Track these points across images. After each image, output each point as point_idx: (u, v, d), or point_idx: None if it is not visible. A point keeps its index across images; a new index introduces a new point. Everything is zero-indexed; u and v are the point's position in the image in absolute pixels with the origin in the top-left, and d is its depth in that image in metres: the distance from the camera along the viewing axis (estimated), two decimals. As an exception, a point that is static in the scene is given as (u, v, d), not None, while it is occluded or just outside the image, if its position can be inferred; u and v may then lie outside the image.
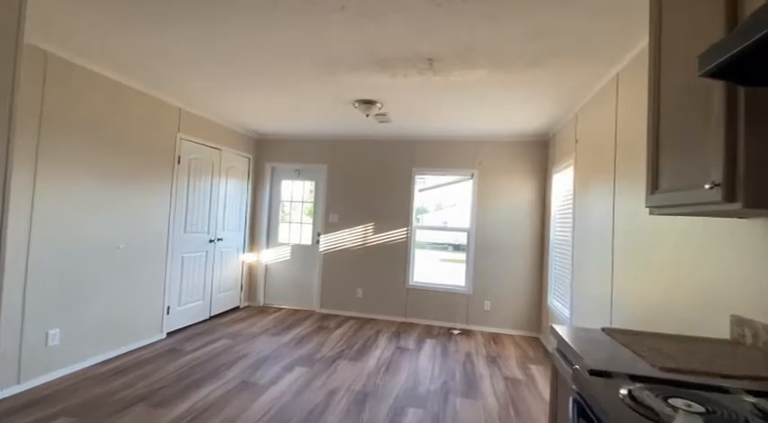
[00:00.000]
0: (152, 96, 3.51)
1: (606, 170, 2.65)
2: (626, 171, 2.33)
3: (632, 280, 2.17)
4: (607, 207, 2.59)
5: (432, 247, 15.79)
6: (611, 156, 2.56)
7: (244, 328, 4.24)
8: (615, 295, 2.39)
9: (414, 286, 4.80)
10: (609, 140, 2.62)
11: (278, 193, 5.33)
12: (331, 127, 4.57)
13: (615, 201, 2.47)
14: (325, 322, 4.60)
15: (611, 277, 2.46)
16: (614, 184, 2.49)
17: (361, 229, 4.96)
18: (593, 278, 2.82)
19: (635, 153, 2.21)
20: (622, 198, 2.36)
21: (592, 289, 2.82)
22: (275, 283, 5.26)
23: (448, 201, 5.42)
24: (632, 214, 2.21)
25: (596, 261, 2.76)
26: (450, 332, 4.45)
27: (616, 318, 2.36)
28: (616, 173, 2.47)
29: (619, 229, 2.39)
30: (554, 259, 4.07)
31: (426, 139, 4.81)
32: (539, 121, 3.90)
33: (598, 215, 2.77)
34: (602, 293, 2.61)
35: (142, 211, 3.48)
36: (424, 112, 3.77)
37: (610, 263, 2.50)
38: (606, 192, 2.62)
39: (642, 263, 2.06)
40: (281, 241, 5.28)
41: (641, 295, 2.06)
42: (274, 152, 5.27)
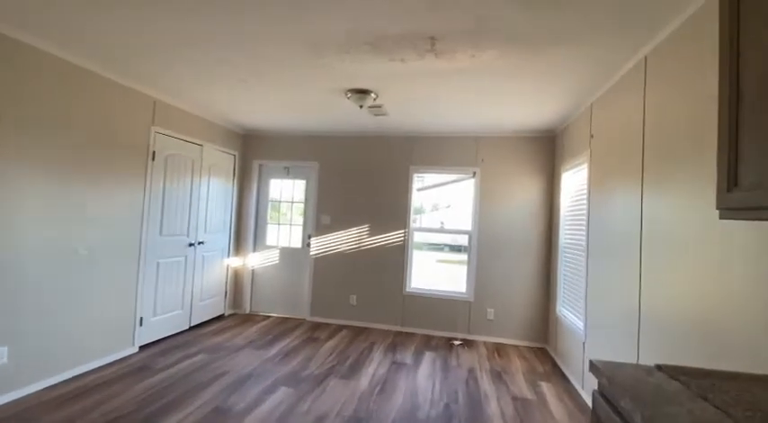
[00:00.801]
0: (121, 84, 3.15)
1: (631, 168, 2.33)
2: (659, 168, 2.01)
3: (667, 291, 1.86)
4: (633, 209, 2.28)
5: (429, 247, 15.60)
6: (638, 151, 2.24)
7: (226, 339, 3.89)
8: (645, 308, 2.07)
9: (411, 293, 4.47)
10: (634, 134, 2.30)
11: (266, 192, 4.98)
12: (323, 121, 4.23)
13: (644, 202, 2.15)
14: (316, 332, 4.26)
15: (639, 287, 2.14)
16: (642, 182, 2.18)
17: (355, 232, 4.62)
18: (614, 286, 2.50)
19: (671, 147, 1.89)
20: (654, 199, 2.04)
21: (613, 299, 2.50)
22: (263, 290, 4.91)
23: (448, 201, 5.08)
24: (668, 217, 1.89)
25: (619, 267, 2.44)
26: (451, 343, 4.12)
27: (647, 336, 2.04)
28: (645, 170, 2.16)
29: (650, 234, 2.07)
30: (563, 264, 3.76)
31: (425, 134, 4.48)
32: (548, 115, 3.59)
33: (621, 217, 2.45)
34: (626, 305, 2.29)
35: (109, 212, 3.12)
36: (424, 105, 3.44)
37: (637, 270, 2.18)
38: (631, 192, 2.31)
39: (681, 272, 1.75)
40: (270, 244, 4.93)
41: (680, 310, 1.74)
42: (262, 149, 4.92)
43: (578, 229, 3.36)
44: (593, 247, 2.92)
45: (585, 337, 2.97)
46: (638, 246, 2.18)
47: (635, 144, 2.29)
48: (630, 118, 2.37)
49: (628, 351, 2.24)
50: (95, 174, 2.98)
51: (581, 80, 2.71)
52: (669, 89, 1.94)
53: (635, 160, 2.28)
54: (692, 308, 1.66)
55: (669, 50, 1.96)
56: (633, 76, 2.35)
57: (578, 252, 3.32)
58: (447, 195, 5.09)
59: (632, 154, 2.32)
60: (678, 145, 1.83)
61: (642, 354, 2.08)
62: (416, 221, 4.63)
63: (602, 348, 2.65)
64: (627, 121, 2.42)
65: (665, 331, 1.86)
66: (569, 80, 2.72)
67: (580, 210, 3.33)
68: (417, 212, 5.02)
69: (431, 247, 15.20)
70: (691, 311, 1.67)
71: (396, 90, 3.10)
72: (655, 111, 2.08)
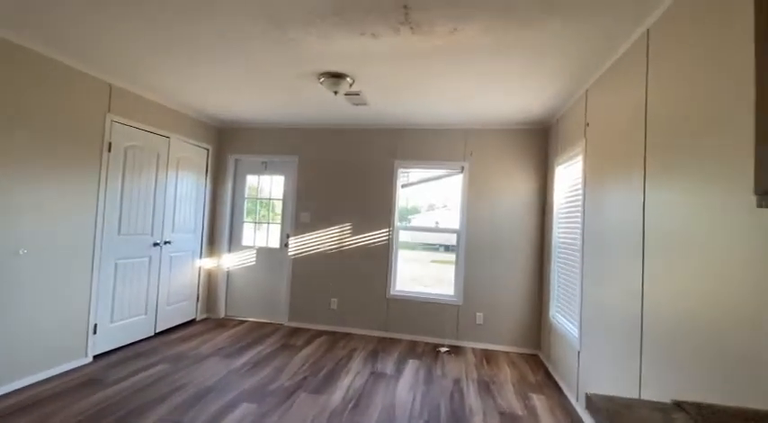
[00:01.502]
0: (67, 65, 2.84)
1: (631, 158, 2.06)
2: (664, 156, 1.74)
3: (675, 296, 1.59)
4: (633, 203, 2.01)
5: (423, 247, 15.21)
6: (639, 139, 1.97)
7: (193, 347, 3.58)
8: (649, 315, 1.80)
9: (396, 296, 4.18)
10: (635, 121, 2.03)
11: (242, 189, 4.67)
12: (300, 113, 3.94)
13: (647, 195, 1.88)
14: (293, 339, 3.96)
15: (641, 291, 1.87)
16: (645, 174, 1.91)
17: (337, 231, 4.33)
18: (612, 290, 2.23)
19: (679, 131, 1.62)
20: (659, 191, 1.77)
21: (611, 304, 2.24)
22: (238, 293, 4.60)
23: (435, 198, 4.80)
24: (676, 211, 1.62)
25: (617, 269, 2.17)
26: (438, 350, 3.84)
27: (651, 347, 1.77)
28: (647, 160, 1.89)
29: (654, 231, 1.80)
30: (557, 265, 3.49)
31: (410, 126, 4.20)
32: (539, 103, 3.32)
33: (619, 213, 2.18)
34: (627, 311, 2.02)
35: (55, 208, 2.80)
36: (405, 92, 3.16)
37: (638, 272, 1.91)
38: (631, 184, 2.04)
39: (691, 274, 1.48)
40: (246, 244, 4.62)
41: (691, 318, 1.47)
42: (238, 142, 4.61)
43: (572, 227, 3.09)
44: (589, 246, 2.65)
45: (581, 345, 2.70)
46: (639, 245, 1.91)
47: (635, 133, 2.02)
48: (630, 103, 2.10)
49: (629, 364, 1.97)
50: (38, 166, 2.67)
51: (576, 59, 2.44)
52: (675, 68, 1.67)
53: (635, 151, 2.01)
54: (706, 316, 1.39)
55: (678, 16, 1.69)
56: (634, 53, 2.08)
57: (573, 252, 3.06)
58: (434, 192, 4.82)
59: (632, 144, 2.05)
60: (687, 128, 1.56)
61: (646, 368, 1.81)
62: (410, 221, 4.35)
63: (599, 359, 2.38)
64: (626, 108, 2.15)
65: (673, 342, 1.59)
66: (563, 59, 2.45)
67: (574, 206, 3.06)
68: (412, 213, 4.74)
69: (426, 247, 14.92)
70: (704, 320, 1.40)
71: (373, 74, 2.81)
72: (659, 91, 1.81)
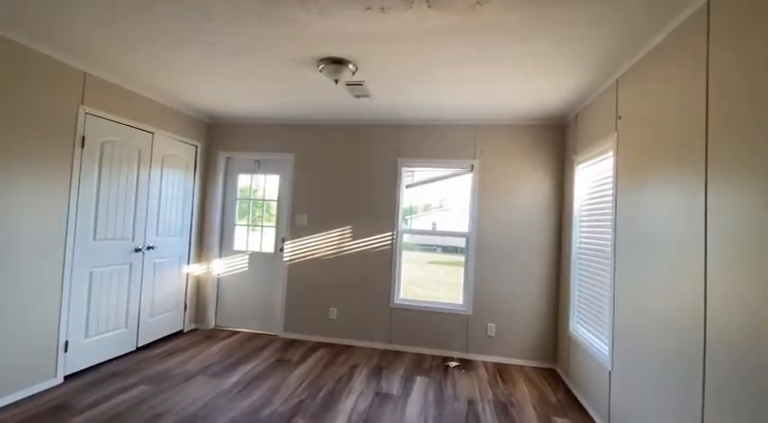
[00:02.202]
0: (34, 50, 2.51)
1: (686, 153, 1.77)
2: (736, 152, 1.45)
3: (758, 312, 1.29)
4: (691, 204, 1.71)
5: (421, 248, 14.93)
6: (698, 132, 1.68)
7: (178, 363, 3.24)
8: (714, 337, 1.51)
9: (400, 305, 3.87)
10: (691, 111, 1.74)
11: (234, 189, 4.34)
12: (297, 106, 3.62)
13: (709, 195, 1.59)
14: (288, 353, 3.63)
15: (704, 305, 1.58)
16: (706, 171, 1.61)
17: (336, 235, 4.02)
18: (659, 304, 1.94)
19: (761, 124, 1.33)
20: (729, 191, 1.48)
21: (656, 319, 1.94)
22: (230, 301, 4.27)
23: (442, 198, 4.49)
24: (759, 211, 1.33)
25: (666, 278, 1.88)
26: (446, 364, 3.53)
27: (718, 376, 1.47)
28: (710, 156, 1.60)
29: (720, 235, 1.50)
30: (578, 272, 3.20)
31: (415, 121, 3.90)
32: (558, 96, 3.03)
33: (668, 215, 1.89)
34: (680, 329, 1.73)
35: (16, 210, 2.47)
36: (412, 82, 2.85)
37: (699, 282, 1.62)
38: (688, 183, 1.74)
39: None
40: (238, 249, 4.29)
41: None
42: (230, 139, 4.29)
43: (599, 230, 2.80)
44: (623, 252, 2.35)
45: (613, 364, 2.40)
46: (700, 250, 1.62)
47: (693, 123, 1.72)
48: (684, 91, 1.81)
49: (685, 397, 1.68)
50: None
51: (609, 43, 2.14)
52: (752, 44, 1.38)
53: (693, 144, 1.71)
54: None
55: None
56: (687, 32, 1.79)
57: (599, 258, 2.76)
58: (440, 192, 4.52)
59: (688, 136, 1.75)
60: (759, 122, 1.27)
61: (710, 404, 1.51)
62: (408, 223, 4.04)
63: (639, 384, 2.08)
64: (677, 96, 1.86)
65: (753, 373, 1.29)
66: (592, 44, 2.16)
67: (602, 208, 2.77)
68: (410, 213, 4.44)
69: (423, 248, 14.57)
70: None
71: (379, 60, 2.51)
72: (726, 77, 1.52)
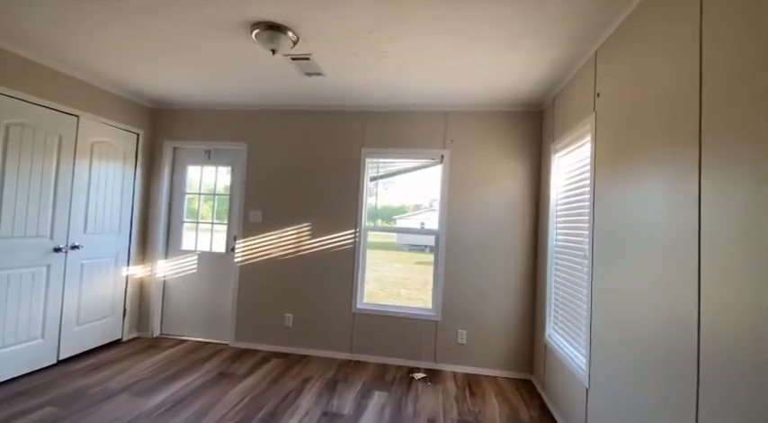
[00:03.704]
0: None
1: (676, 134, 1.44)
2: (738, 131, 1.12)
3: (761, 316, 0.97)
4: (681, 193, 1.39)
5: (409, 248, 14.45)
6: (690, 109, 1.35)
7: (102, 379, 2.82)
8: (710, 343, 1.18)
9: (363, 310, 3.51)
10: (682, 84, 1.42)
11: (182, 182, 3.93)
12: (244, 90, 3.23)
13: (703, 183, 1.27)
14: (236, 364, 3.24)
15: (698, 309, 1.25)
16: (700, 155, 1.29)
17: (293, 232, 3.64)
18: (642, 307, 1.61)
19: (755, 103, 1.01)
20: (728, 178, 1.15)
21: (642, 325, 1.61)
22: (176, 306, 3.85)
23: (432, 199, 4.12)
24: (763, 202, 1.00)
25: (652, 280, 1.55)
26: (411, 376, 3.18)
27: (714, 389, 1.14)
28: (704, 137, 1.27)
29: (718, 229, 1.18)
30: (555, 273, 2.88)
31: (380, 108, 3.54)
32: (535, 76, 2.70)
33: (655, 207, 1.57)
34: (671, 335, 1.40)
35: None
36: (369, 57, 2.49)
37: (692, 283, 1.29)
38: (678, 169, 1.42)
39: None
40: (186, 248, 3.88)
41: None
42: (177, 127, 3.87)
43: (576, 225, 2.48)
44: (602, 249, 2.03)
45: (590, 380, 2.08)
46: (693, 248, 1.29)
47: (684, 98, 1.40)
48: (672, 55, 1.48)
49: (677, 414, 1.35)
50: None
51: (587, 5, 1.83)
52: (746, 8, 1.06)
53: (685, 123, 1.38)
54: None
55: None
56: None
57: (576, 257, 2.45)
58: (409, 186, 4.17)
59: (678, 114, 1.43)
60: None
61: None
62: (395, 221, 3.69)
63: (623, 404, 1.75)
64: (664, 63, 1.54)
65: (761, 391, 0.97)
66: (568, 7, 1.83)
67: (579, 201, 2.45)
68: (398, 213, 4.08)
69: (412, 248, 14.19)
70: None
71: (323, 26, 2.14)
72: (724, 37, 1.19)
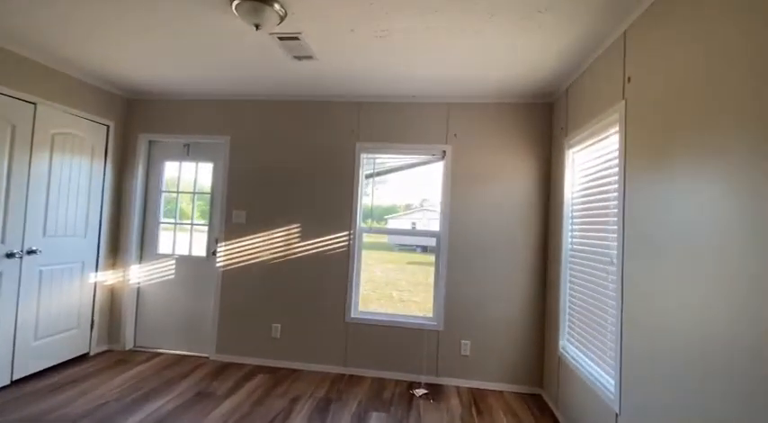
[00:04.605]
0: None
1: (743, 117, 1.18)
2: None
3: None
4: (758, 192, 1.13)
5: (400, 248, 14.19)
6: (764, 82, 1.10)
7: (61, 403, 2.48)
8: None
9: (358, 320, 3.21)
10: (751, 49, 1.16)
11: (158, 179, 3.58)
12: (228, 76, 2.91)
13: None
14: (216, 381, 2.91)
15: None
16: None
17: (281, 234, 3.32)
18: (693, 323, 1.35)
19: None
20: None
21: (693, 344, 1.35)
22: (152, 316, 3.50)
23: (422, 199, 3.82)
24: None
25: (710, 290, 1.29)
26: (412, 392, 2.90)
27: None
28: None
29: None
30: (570, 279, 2.63)
31: (376, 97, 3.25)
32: (547, 61, 2.44)
33: (720, 208, 1.30)
34: (734, 361, 1.14)
35: None
36: (366, 35, 2.21)
37: None
38: (747, 163, 1.16)
39: None
40: (163, 252, 3.53)
41: None
42: (153, 119, 3.52)
43: (598, 227, 2.23)
44: (635, 254, 1.77)
45: (621, 405, 1.82)
46: (762, 250, 1.03)
47: (750, 69, 1.14)
48: (737, 19, 1.23)
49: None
50: None
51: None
52: None
53: (754, 99, 1.13)
54: None
55: None
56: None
57: (598, 262, 2.19)
58: (415, 187, 3.88)
59: (744, 89, 1.17)
60: None
61: None
62: (386, 222, 3.39)
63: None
64: (723, 30, 1.28)
65: None
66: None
67: (601, 200, 2.20)
68: (390, 213, 3.77)
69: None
70: None
71: (317, 2, 1.85)
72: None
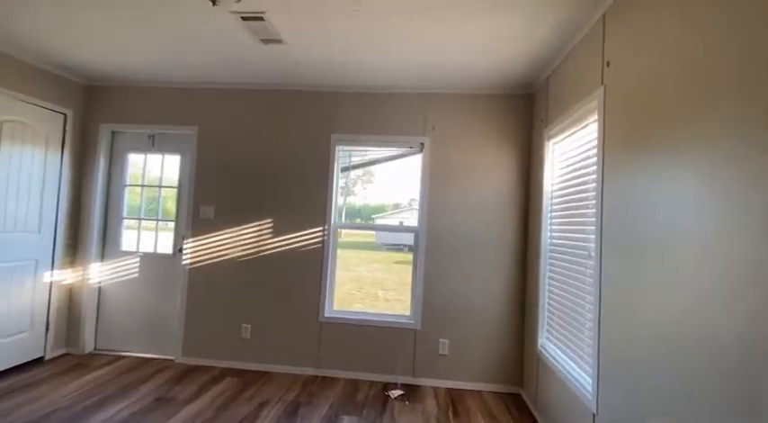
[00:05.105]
0: None
1: (729, 101, 1.10)
2: None
3: None
4: (746, 181, 1.05)
5: (388, 248, 14.01)
6: (759, 73, 1.01)
7: (6, 410, 2.28)
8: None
9: (332, 319, 3.08)
10: (747, 35, 1.08)
11: (122, 172, 3.37)
12: (198, 62, 2.75)
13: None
14: (180, 385, 2.75)
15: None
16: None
17: (251, 230, 3.17)
18: (674, 319, 1.27)
19: None
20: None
21: (674, 342, 1.28)
22: (114, 317, 3.30)
23: (411, 198, 3.67)
24: None
25: (695, 285, 1.22)
26: (387, 394, 2.79)
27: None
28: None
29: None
30: (549, 275, 2.55)
31: (352, 88, 3.12)
32: (525, 48, 2.36)
33: (703, 198, 1.23)
34: (731, 361, 1.06)
35: None
36: (336, 15, 2.08)
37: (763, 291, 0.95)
38: (739, 150, 1.08)
39: None
40: (126, 249, 3.33)
41: None
42: (116, 107, 3.32)
43: (577, 220, 2.15)
44: (614, 248, 1.70)
45: (598, 405, 1.74)
46: (760, 242, 0.95)
47: (736, 51, 1.06)
48: (718, 15, 1.14)
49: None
50: None
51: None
52: None
53: (742, 82, 1.04)
54: None
55: None
56: None
57: (577, 257, 2.12)
58: (388, 184, 3.76)
59: (731, 71, 1.09)
60: None
61: None
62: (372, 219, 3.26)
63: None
64: (718, 10, 1.20)
65: None
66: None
67: (581, 191, 2.12)
68: (378, 212, 3.62)
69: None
70: None
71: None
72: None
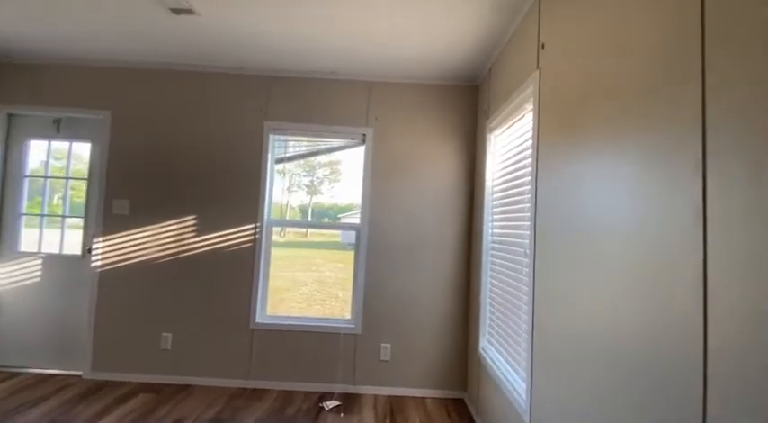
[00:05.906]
0: None
1: (665, 85, 0.97)
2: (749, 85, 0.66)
3: None
4: (679, 172, 0.92)
5: (352, 247, 13.59)
6: (692, 62, 0.89)
7: None
8: (719, 354, 0.71)
9: (265, 325, 2.82)
10: (677, 20, 0.96)
11: (20, 162, 2.93)
12: (106, 37, 2.40)
13: (709, 172, 0.80)
14: (83, 405, 2.38)
15: (704, 316, 0.79)
16: (704, 112, 0.82)
17: (173, 228, 2.84)
18: (607, 321, 1.15)
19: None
20: (743, 154, 0.69)
21: (604, 344, 1.15)
22: (11, 327, 2.86)
23: (354, 191, 3.42)
24: None
25: (629, 284, 1.09)
26: (322, 405, 2.57)
27: (725, 400, 0.67)
28: (707, 103, 0.81)
29: (731, 217, 0.72)
30: (490, 275, 2.44)
31: (287, 72, 2.87)
32: (471, 32, 2.22)
33: (638, 191, 1.10)
34: (663, 356, 0.94)
35: None
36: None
37: (697, 290, 0.83)
38: (672, 140, 0.95)
39: None
40: (26, 250, 2.90)
41: None
42: (13, 87, 2.88)
43: (515, 216, 2.03)
44: (548, 244, 1.57)
45: (531, 411, 1.62)
46: (696, 238, 0.83)
47: (680, 36, 0.94)
48: None
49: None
50: None
51: None
52: None
53: (682, 69, 0.92)
54: None
55: None
56: None
57: (515, 255, 2.00)
58: (353, 176, 3.54)
59: (670, 51, 0.96)
60: None
61: None
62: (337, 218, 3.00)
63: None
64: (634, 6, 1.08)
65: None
66: None
67: (518, 186, 2.00)
68: (346, 211, 3.33)
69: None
70: None
71: None
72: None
